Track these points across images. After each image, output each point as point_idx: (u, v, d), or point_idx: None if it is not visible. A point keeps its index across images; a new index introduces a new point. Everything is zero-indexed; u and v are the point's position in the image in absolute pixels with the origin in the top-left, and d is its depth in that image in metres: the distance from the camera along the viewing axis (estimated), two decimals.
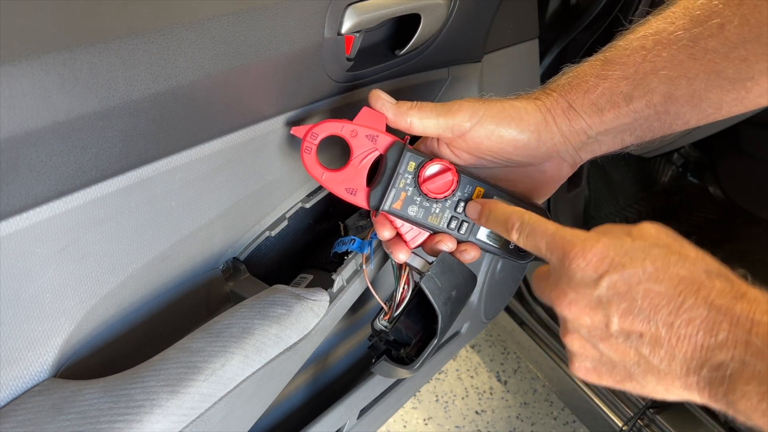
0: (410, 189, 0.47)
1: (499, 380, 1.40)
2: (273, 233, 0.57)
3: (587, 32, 0.94)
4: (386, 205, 0.47)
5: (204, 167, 0.44)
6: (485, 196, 0.48)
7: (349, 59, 0.50)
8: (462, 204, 0.48)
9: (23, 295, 0.37)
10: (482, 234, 0.49)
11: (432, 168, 0.46)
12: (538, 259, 0.42)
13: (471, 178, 0.47)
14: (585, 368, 0.37)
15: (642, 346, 0.33)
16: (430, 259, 0.50)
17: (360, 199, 0.48)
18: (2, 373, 0.38)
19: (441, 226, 0.48)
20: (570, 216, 1.26)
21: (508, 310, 1.25)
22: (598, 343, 0.35)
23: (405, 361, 0.53)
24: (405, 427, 1.31)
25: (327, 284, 0.56)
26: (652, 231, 0.36)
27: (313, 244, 0.64)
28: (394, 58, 0.55)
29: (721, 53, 0.38)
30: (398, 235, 0.50)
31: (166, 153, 0.41)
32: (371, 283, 0.55)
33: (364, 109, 0.47)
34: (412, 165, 0.47)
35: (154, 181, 0.41)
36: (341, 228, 0.64)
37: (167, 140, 0.40)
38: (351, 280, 0.57)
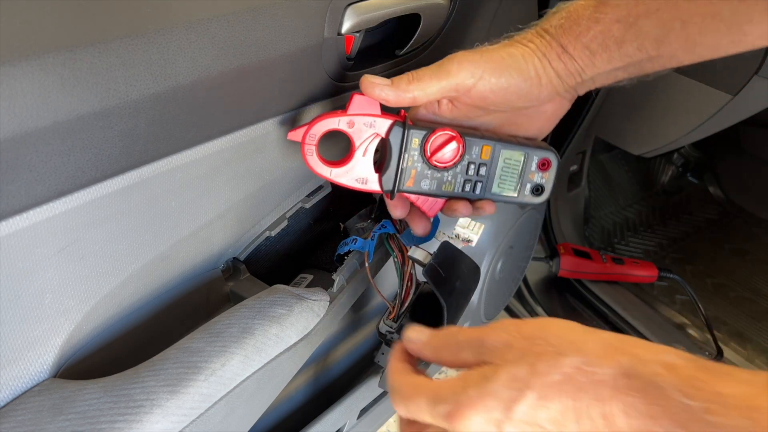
0: (419, 164, 0.47)
1: None
2: (273, 233, 0.57)
3: None
4: (400, 185, 0.47)
5: (204, 167, 0.44)
6: (492, 151, 0.47)
7: (349, 59, 0.50)
8: (472, 167, 0.47)
9: (23, 295, 0.37)
10: (496, 188, 0.49)
11: (436, 140, 0.46)
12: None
13: (476, 138, 0.47)
14: None
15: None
16: (432, 250, 0.50)
17: (373, 186, 0.47)
18: (2, 373, 0.38)
19: (456, 191, 0.48)
20: (570, 216, 1.26)
21: (508, 310, 1.25)
22: None
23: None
24: None
25: (327, 284, 0.56)
26: (498, 342, 0.35)
27: (313, 244, 0.64)
28: (394, 58, 0.55)
29: None
30: (413, 210, 0.50)
31: (166, 153, 0.41)
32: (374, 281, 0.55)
33: (355, 97, 0.46)
34: (416, 141, 0.46)
35: (154, 181, 0.41)
36: (341, 230, 0.64)
37: (167, 140, 0.40)
38: (351, 279, 0.57)
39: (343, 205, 0.51)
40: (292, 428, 0.66)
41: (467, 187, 0.48)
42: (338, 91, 0.52)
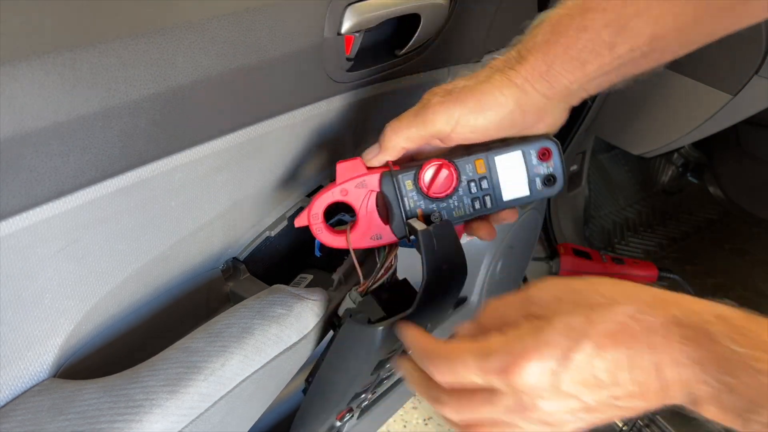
0: (421, 202, 0.47)
1: None
2: (273, 233, 0.57)
3: None
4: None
5: (204, 167, 0.44)
6: (486, 162, 0.47)
7: (349, 59, 0.50)
8: (473, 184, 0.47)
9: (23, 295, 0.37)
10: (507, 195, 0.48)
11: (427, 174, 0.46)
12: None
13: (466, 156, 0.47)
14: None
15: (622, 403, 0.33)
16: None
17: (387, 238, 0.48)
18: (2, 373, 0.38)
19: (468, 213, 0.48)
20: (570, 216, 1.26)
21: None
22: (586, 416, 0.35)
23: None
24: (405, 427, 1.31)
25: (327, 284, 0.56)
26: (547, 297, 0.36)
27: (313, 244, 0.64)
28: (394, 58, 0.55)
29: None
30: None
31: (166, 153, 0.41)
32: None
33: (339, 166, 0.47)
34: (409, 183, 0.46)
35: (154, 181, 0.41)
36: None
37: (167, 140, 0.40)
38: (350, 279, 0.57)
39: (344, 206, 0.51)
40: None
41: (477, 205, 0.48)
42: (338, 91, 0.52)
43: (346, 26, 0.47)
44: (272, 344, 0.46)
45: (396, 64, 0.56)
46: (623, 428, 1.01)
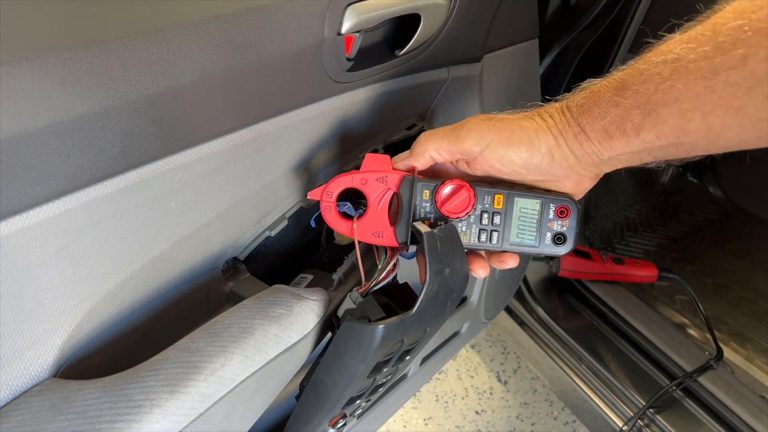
0: (431, 216, 0.47)
1: (499, 380, 1.40)
2: (273, 233, 0.57)
3: (587, 32, 0.94)
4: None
5: (204, 167, 0.44)
6: (505, 200, 0.47)
7: (349, 59, 0.50)
8: (486, 215, 0.48)
9: (23, 295, 0.37)
10: (515, 238, 0.48)
11: (446, 190, 0.47)
12: (578, 253, 0.41)
13: (488, 187, 0.47)
14: None
15: None
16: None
17: (388, 240, 0.48)
18: (2, 373, 0.38)
19: (473, 242, 0.48)
20: None
21: (508, 310, 1.25)
22: None
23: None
24: (405, 427, 1.31)
25: (327, 284, 0.56)
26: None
27: (313, 244, 0.64)
28: (394, 58, 0.55)
29: (743, 87, 0.34)
30: None
31: (166, 153, 0.41)
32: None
33: (368, 156, 0.48)
34: (427, 193, 0.47)
35: (153, 181, 0.41)
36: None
37: (167, 140, 0.40)
38: (350, 278, 0.57)
39: (355, 199, 0.51)
40: None
41: (483, 237, 0.48)
42: (338, 91, 0.52)
43: (346, 26, 0.47)
44: (272, 344, 0.46)
45: (396, 64, 0.56)
46: (623, 428, 1.01)
